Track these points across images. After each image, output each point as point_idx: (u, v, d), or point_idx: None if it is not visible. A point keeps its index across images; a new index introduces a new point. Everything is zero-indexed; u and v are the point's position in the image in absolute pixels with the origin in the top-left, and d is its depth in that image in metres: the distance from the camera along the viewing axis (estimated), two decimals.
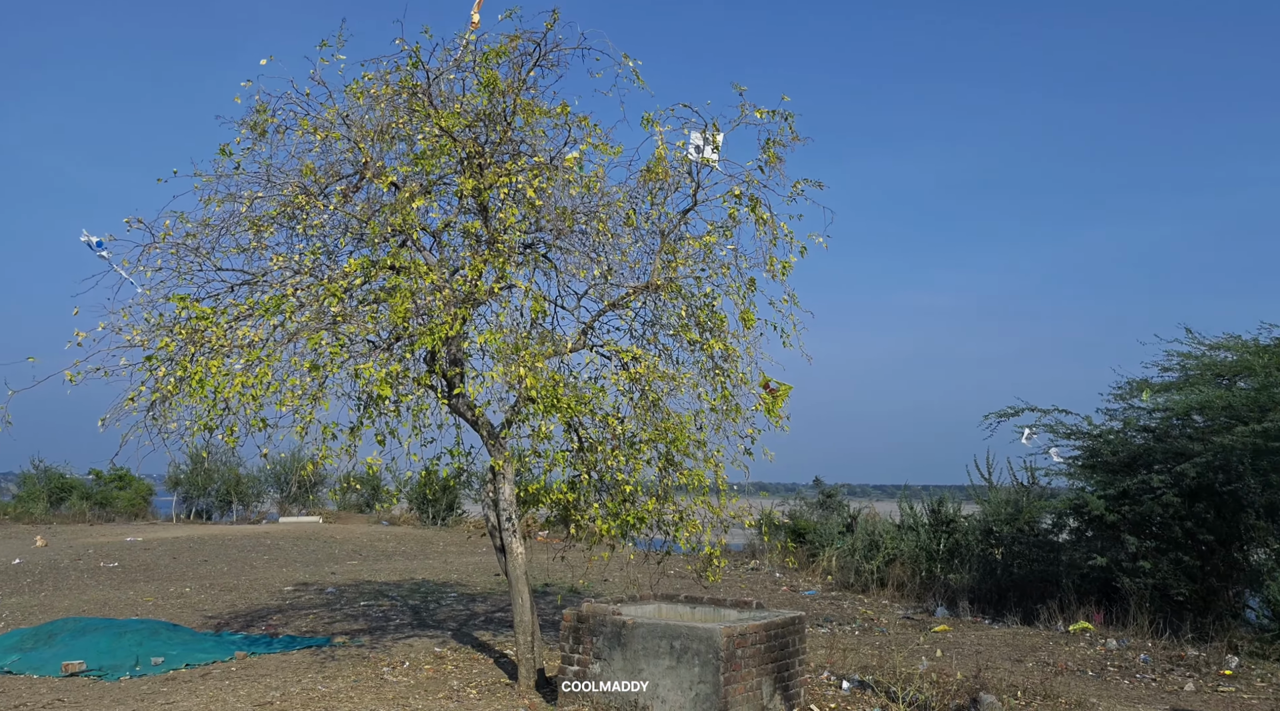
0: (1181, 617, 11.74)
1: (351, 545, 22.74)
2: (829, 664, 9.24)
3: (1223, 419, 11.95)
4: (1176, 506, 11.83)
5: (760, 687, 7.11)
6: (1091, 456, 13.29)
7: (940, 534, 16.96)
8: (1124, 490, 12.35)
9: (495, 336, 7.30)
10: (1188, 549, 12.20)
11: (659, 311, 9.08)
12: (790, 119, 8.37)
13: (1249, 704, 8.56)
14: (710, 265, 8.85)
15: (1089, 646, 11.17)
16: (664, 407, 8.46)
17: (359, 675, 8.62)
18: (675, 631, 6.96)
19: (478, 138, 7.68)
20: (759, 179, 8.49)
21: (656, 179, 8.55)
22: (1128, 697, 8.70)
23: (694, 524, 8.60)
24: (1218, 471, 11.59)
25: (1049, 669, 9.84)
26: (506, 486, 8.28)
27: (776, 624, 7.43)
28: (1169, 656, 10.51)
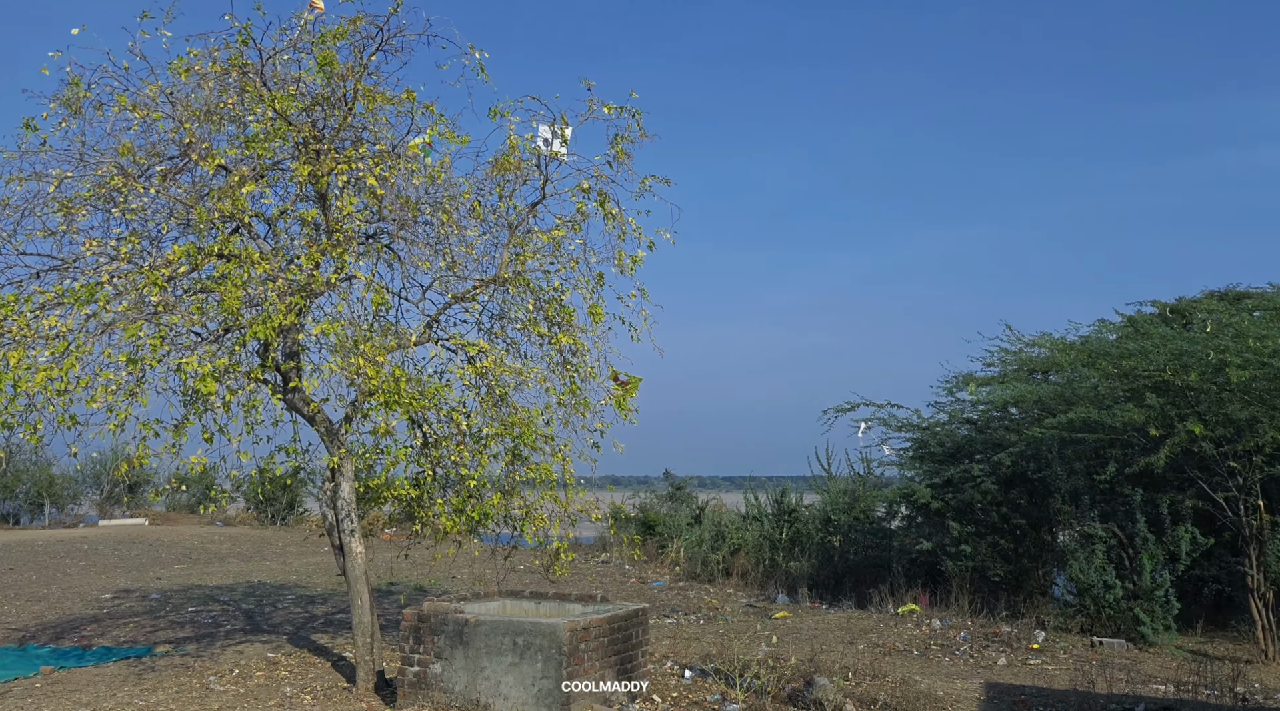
0: (997, 597, 12.62)
1: (181, 548, 21.47)
2: (673, 654, 9.42)
3: (1034, 411, 12.92)
4: (994, 493, 12.70)
5: (603, 680, 7.16)
6: (920, 448, 14.08)
7: (783, 523, 17.59)
8: (948, 479, 13.15)
9: (333, 328, 7.04)
10: (1004, 532, 13.13)
11: (507, 305, 9.00)
12: (638, 116, 8.46)
13: (1052, 674, 9.28)
14: (559, 259, 8.84)
15: (915, 627, 11.83)
16: (511, 402, 8.39)
17: (182, 686, 8.14)
18: (518, 627, 6.92)
19: (315, 122, 7.37)
20: (607, 174, 8.54)
21: (505, 171, 8.47)
22: (948, 673, 9.27)
23: (541, 518, 8.58)
24: (1030, 460, 12.50)
25: (878, 650, 10.36)
26: (346, 484, 8.02)
27: (620, 617, 7.50)
28: (985, 633, 11.26)
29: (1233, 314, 11.73)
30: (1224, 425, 10.28)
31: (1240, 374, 9.97)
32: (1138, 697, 8.10)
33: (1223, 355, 10.21)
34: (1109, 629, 11.14)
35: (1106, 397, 11.46)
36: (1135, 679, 8.97)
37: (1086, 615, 11.40)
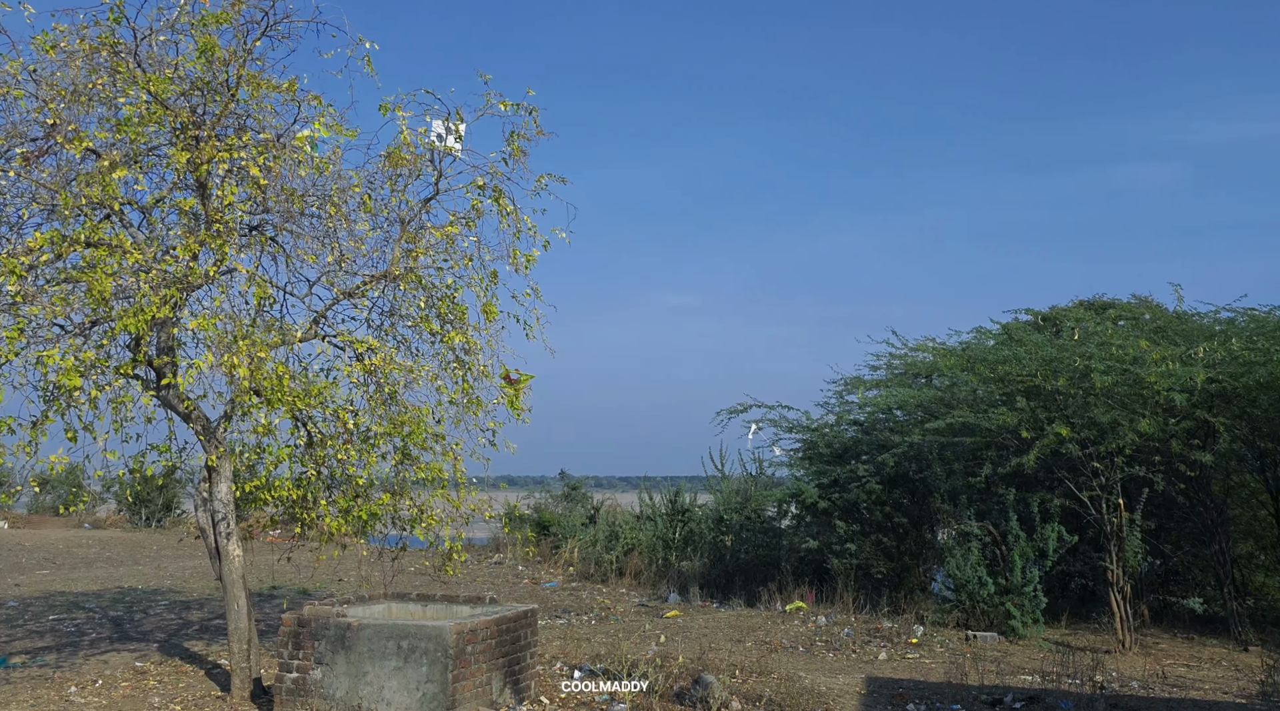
0: (880, 593, 13.03)
1: (44, 552, 20.27)
2: (563, 655, 9.39)
3: (918, 414, 13.39)
4: (878, 493, 13.11)
5: (490, 683, 7.09)
6: (809, 449, 14.43)
7: (677, 523, 17.75)
8: (835, 479, 13.51)
9: (209, 323, 6.76)
10: (887, 531, 13.57)
11: (398, 302, 8.81)
12: (535, 113, 8.39)
13: (929, 667, 9.64)
14: (452, 256, 8.71)
15: (802, 624, 12.11)
16: (401, 400, 8.22)
17: (38, 698, 7.68)
18: (403, 631, 6.78)
19: (195, 108, 7.06)
20: (503, 171, 8.45)
21: (398, 166, 8.29)
22: (831, 669, 9.52)
23: (432, 518, 8.42)
24: (912, 461, 12.95)
25: (765, 647, 10.56)
26: (223, 484, 7.71)
27: (509, 618, 7.44)
28: (868, 629, 11.61)
29: (1098, 323, 12.42)
30: (1089, 428, 10.85)
31: (1104, 379, 10.56)
32: (1006, 688, 8.48)
33: (1088, 362, 10.79)
34: (983, 623, 11.63)
35: (984, 402, 11.95)
36: (1005, 670, 9.39)
37: (962, 610, 11.88)
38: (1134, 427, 10.55)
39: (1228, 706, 7.84)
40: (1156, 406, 10.69)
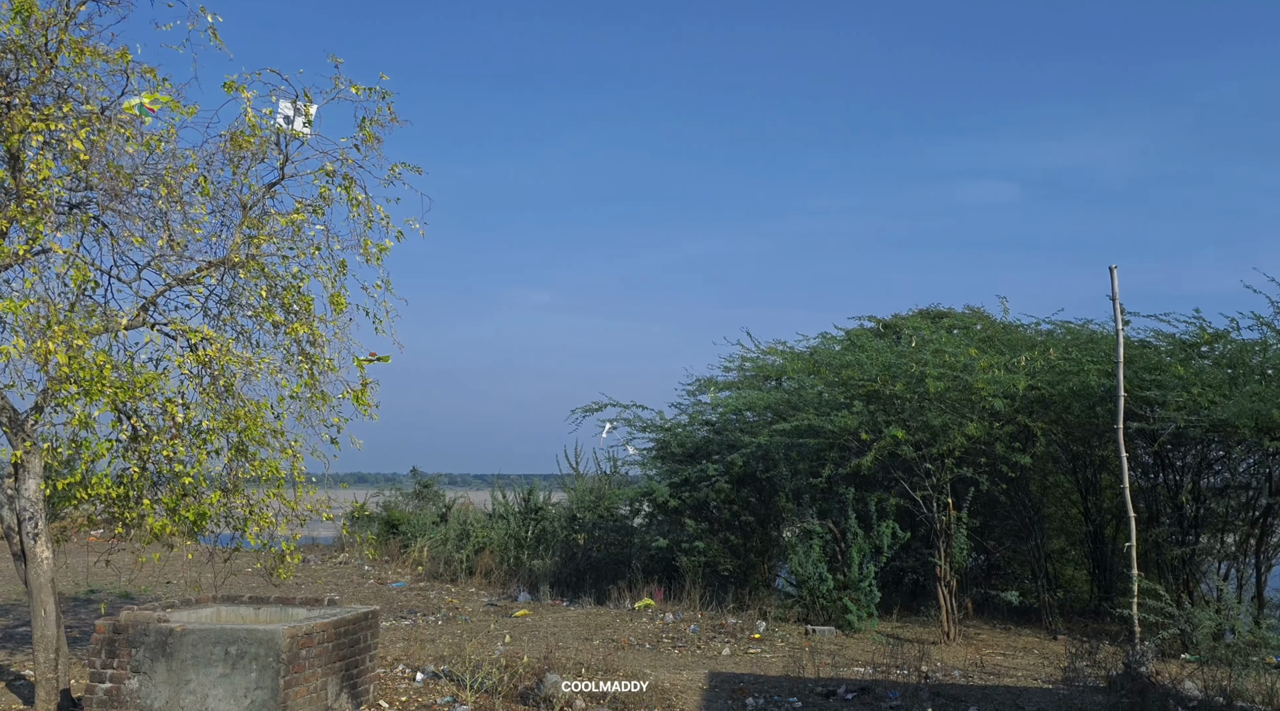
0: (726, 590, 13.34)
1: None
2: (406, 656, 9.17)
3: (767, 416, 13.80)
4: (727, 492, 13.42)
5: (325, 688, 6.84)
6: (662, 448, 14.63)
7: (529, 522, 17.65)
8: (686, 478, 13.75)
9: (19, 306, 6.24)
10: (734, 529, 13.92)
11: (238, 290, 8.39)
12: (389, 98, 8.17)
13: (770, 661, 9.94)
14: (298, 244, 8.35)
15: (650, 621, 12.26)
16: (238, 394, 7.83)
17: None
18: (231, 635, 6.46)
19: (6, 73, 6.50)
20: (354, 158, 8.17)
21: (242, 147, 7.90)
22: (676, 665, 9.67)
23: (266, 518, 8.06)
24: (760, 461, 13.33)
25: (613, 644, 10.64)
26: (31, 481, 7.13)
27: (348, 620, 7.20)
28: (714, 625, 11.88)
29: (934, 331, 13.12)
30: (923, 430, 11.45)
31: (937, 385, 11.17)
32: (840, 680, 8.84)
33: (923, 368, 11.39)
34: (822, 617, 12.09)
35: (828, 405, 12.42)
36: (840, 662, 9.79)
37: (803, 605, 12.31)
38: (963, 431, 11.20)
39: (1035, 691, 8.43)
40: (983, 411, 11.39)
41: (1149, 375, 11.00)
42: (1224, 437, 10.78)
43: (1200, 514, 11.73)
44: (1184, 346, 11.55)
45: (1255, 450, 10.86)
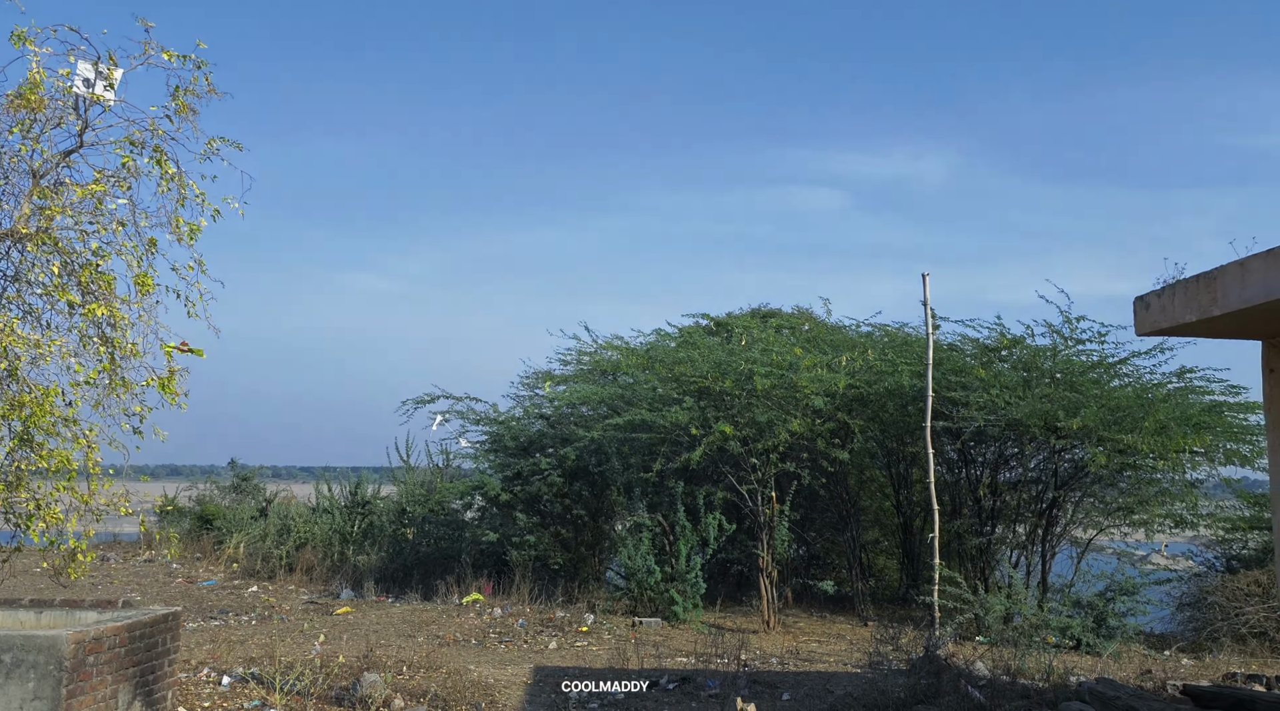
0: (556, 584, 13.34)
1: None
2: (213, 659, 8.67)
3: (601, 410, 13.88)
4: (559, 486, 13.42)
5: (116, 696, 6.36)
6: (495, 441, 14.47)
7: (356, 516, 17.07)
8: (519, 472, 13.66)
9: None
10: (566, 523, 13.94)
11: (25, 265, 7.68)
12: (205, 68, 7.68)
13: (596, 654, 10.01)
14: (99, 218, 7.73)
15: (478, 616, 12.10)
16: (23, 378, 7.18)
17: None
18: (6, 642, 5.90)
19: None
20: (166, 130, 7.63)
21: (35, 109, 7.23)
22: (502, 660, 9.59)
23: (54, 513, 7.43)
24: (592, 455, 13.40)
25: (438, 641, 10.44)
26: None
27: (144, 623, 6.72)
28: (542, 619, 11.85)
29: (763, 330, 13.57)
30: (750, 426, 11.82)
31: (764, 382, 11.55)
32: (664, 670, 9.01)
33: (752, 366, 11.76)
34: (649, 609, 12.29)
35: (661, 400, 12.63)
36: (664, 653, 9.97)
37: (631, 597, 12.48)
38: (787, 427, 11.64)
39: (844, 676, 8.87)
40: (806, 408, 11.87)
41: (955, 377, 11.76)
42: (1018, 435, 11.66)
43: (997, 506, 12.66)
44: (986, 351, 12.43)
45: (1044, 448, 11.82)
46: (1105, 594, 10.80)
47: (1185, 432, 10.54)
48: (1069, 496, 12.28)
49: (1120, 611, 10.69)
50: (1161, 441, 10.42)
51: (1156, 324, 5.85)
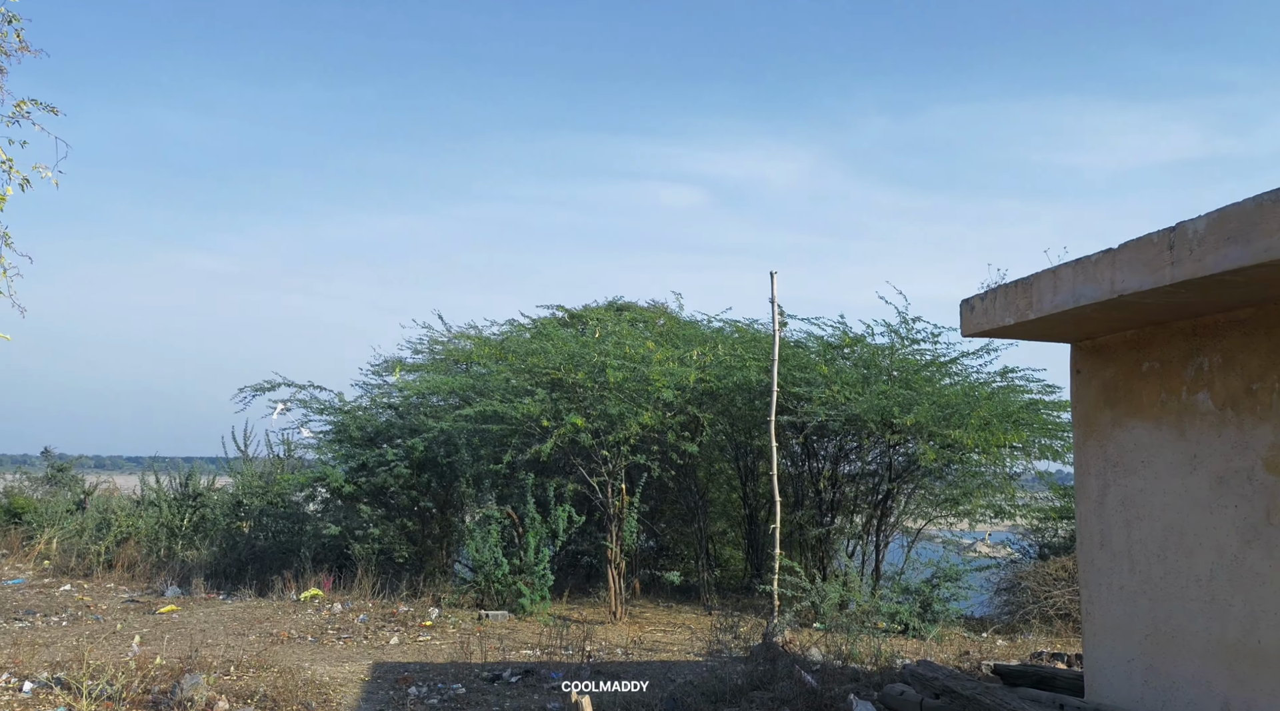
0: (400, 578, 13.01)
1: None
2: (14, 664, 8.00)
3: (453, 400, 13.62)
4: (407, 477, 13.08)
5: None
6: (340, 431, 13.96)
7: (186, 509, 16.14)
8: (364, 463, 13.23)
9: None
10: (413, 515, 13.61)
11: None
12: (16, 22, 7.06)
13: (439, 648, 9.82)
14: None
15: (316, 612, 11.66)
16: None
17: None
18: None
19: None
20: None
21: None
22: (339, 657, 9.26)
23: None
24: (442, 446, 13.13)
25: (271, 639, 9.99)
26: None
27: None
28: (384, 614, 11.53)
29: (617, 323, 13.63)
30: (601, 419, 11.85)
31: (616, 375, 11.60)
32: (507, 664, 8.92)
33: (605, 358, 11.79)
34: (497, 602, 12.15)
35: (514, 391, 12.50)
36: (510, 646, 9.89)
37: (479, 591, 12.31)
38: (638, 419, 11.73)
39: (686, 664, 9.03)
40: (657, 401, 12.00)
41: (800, 373, 12.16)
42: (857, 430, 12.18)
43: (836, 498, 13.18)
44: (830, 348, 12.90)
45: (880, 442, 12.38)
46: (931, 581, 11.42)
47: (1006, 429, 11.26)
48: (902, 488, 12.93)
49: (944, 597, 11.33)
50: (985, 437, 11.10)
51: (980, 326, 6.20)
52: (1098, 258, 4.92)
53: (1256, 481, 4.76)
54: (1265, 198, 3.92)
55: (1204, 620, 5.03)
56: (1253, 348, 4.84)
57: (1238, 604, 4.82)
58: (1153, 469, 5.47)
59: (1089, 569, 5.98)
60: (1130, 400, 5.69)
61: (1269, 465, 4.70)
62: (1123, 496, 5.70)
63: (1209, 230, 4.20)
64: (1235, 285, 4.37)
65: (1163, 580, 5.34)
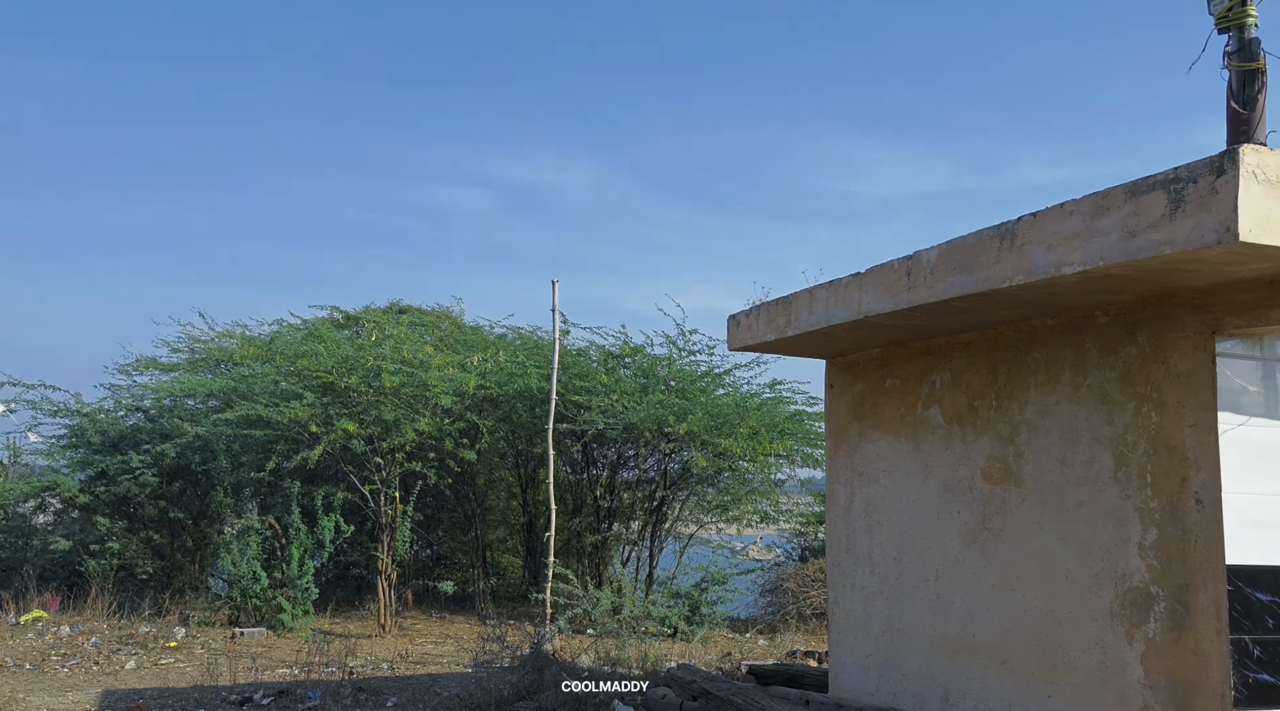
0: (143, 596, 11.94)
1: None
2: None
3: (212, 403, 12.68)
4: (154, 486, 12.03)
5: None
6: (77, 436, 12.66)
7: None
8: (104, 470, 12.05)
9: None
10: (161, 527, 12.52)
11: None
12: None
13: (184, 671, 9.07)
14: None
15: (39, 637, 10.47)
16: None
17: None
18: None
19: None
20: None
21: None
22: (62, 686, 8.35)
23: None
24: (197, 452, 12.18)
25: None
26: None
27: None
28: (122, 636, 10.52)
29: (395, 326, 13.20)
30: (376, 425, 11.42)
31: (392, 380, 11.22)
32: (259, 685, 8.37)
33: (381, 362, 11.37)
34: (254, 618, 11.40)
35: (282, 395, 11.82)
36: (265, 665, 9.28)
37: (234, 607, 11.50)
38: (414, 426, 11.40)
39: (454, 676, 8.84)
40: (436, 407, 11.72)
41: (580, 381, 12.26)
42: (635, 438, 12.43)
43: (614, 505, 13.38)
44: (611, 357, 13.10)
45: (656, 450, 12.70)
46: (700, 584, 11.82)
47: (772, 438, 11.86)
48: (677, 495, 13.31)
49: (712, 600, 11.76)
50: (753, 445, 11.64)
51: (744, 340, 6.48)
52: (848, 281, 5.27)
53: (976, 489, 5.25)
54: (985, 233, 4.34)
55: (930, 617, 5.48)
56: (975, 368, 5.34)
57: (958, 601, 5.29)
58: (892, 478, 5.91)
59: (836, 571, 6.38)
60: (875, 414, 6.13)
61: (986, 475, 5.19)
62: (866, 503, 6.12)
63: (940, 260, 4.59)
64: (962, 310, 4.80)
65: (898, 581, 5.78)
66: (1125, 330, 4.47)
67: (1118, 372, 4.48)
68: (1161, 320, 4.31)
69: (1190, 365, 4.15)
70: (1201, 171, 3.40)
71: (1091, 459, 4.56)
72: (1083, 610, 4.53)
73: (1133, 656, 4.28)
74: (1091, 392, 4.60)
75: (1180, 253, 3.49)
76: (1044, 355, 4.89)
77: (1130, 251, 3.65)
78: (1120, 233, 3.69)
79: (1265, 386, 4.14)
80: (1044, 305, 4.59)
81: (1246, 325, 3.98)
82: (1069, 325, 4.77)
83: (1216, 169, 3.35)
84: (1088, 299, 4.42)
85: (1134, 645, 4.27)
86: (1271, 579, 4.00)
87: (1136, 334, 4.42)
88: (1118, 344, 4.50)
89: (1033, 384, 4.93)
